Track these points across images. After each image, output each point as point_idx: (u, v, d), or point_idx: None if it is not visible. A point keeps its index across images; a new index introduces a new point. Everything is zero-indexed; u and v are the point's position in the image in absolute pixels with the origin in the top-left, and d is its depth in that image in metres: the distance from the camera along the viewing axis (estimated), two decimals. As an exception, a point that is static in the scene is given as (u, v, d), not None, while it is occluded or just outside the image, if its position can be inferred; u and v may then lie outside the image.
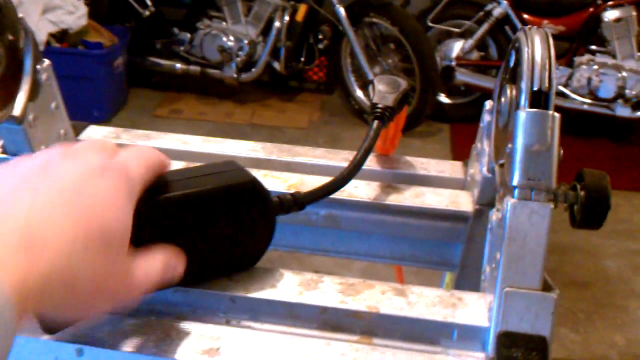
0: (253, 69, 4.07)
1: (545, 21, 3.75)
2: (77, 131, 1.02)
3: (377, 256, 0.98)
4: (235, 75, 4.07)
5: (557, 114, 0.64)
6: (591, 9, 3.66)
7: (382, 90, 0.92)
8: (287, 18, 3.95)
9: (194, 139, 1.01)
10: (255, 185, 0.70)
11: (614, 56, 3.62)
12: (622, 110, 3.71)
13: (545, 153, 0.64)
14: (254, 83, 4.23)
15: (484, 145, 0.84)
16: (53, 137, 0.94)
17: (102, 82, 3.77)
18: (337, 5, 3.80)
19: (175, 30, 4.17)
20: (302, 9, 3.93)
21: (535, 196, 0.64)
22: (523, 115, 0.65)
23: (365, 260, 0.99)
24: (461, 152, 3.64)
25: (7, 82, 0.82)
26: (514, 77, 0.72)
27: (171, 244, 0.64)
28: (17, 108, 0.85)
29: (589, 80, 3.66)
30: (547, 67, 0.66)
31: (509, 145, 0.66)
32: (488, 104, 0.84)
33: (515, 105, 0.69)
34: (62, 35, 3.72)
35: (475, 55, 3.99)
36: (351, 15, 3.82)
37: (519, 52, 0.70)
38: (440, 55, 4.00)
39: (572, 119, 3.80)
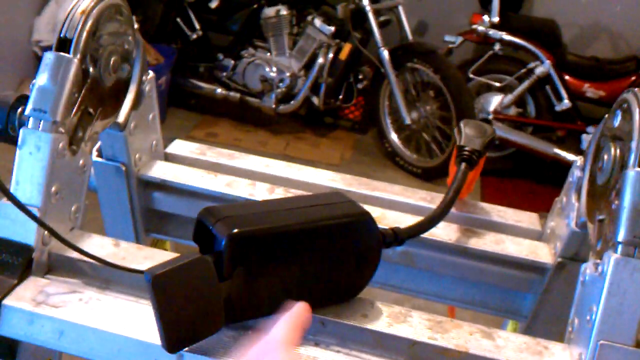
0: (292, 102, 4.12)
1: (587, 85, 3.78)
2: (165, 144, 1.05)
3: (446, 298, 0.99)
4: (273, 106, 4.12)
5: (666, 177, 0.66)
6: (633, 77, 3.68)
7: (470, 134, 0.94)
8: (331, 55, 4.01)
9: (276, 163, 1.04)
10: (368, 219, 0.72)
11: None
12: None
13: (652, 213, 0.65)
14: (290, 115, 4.27)
15: (571, 200, 0.86)
16: (146, 147, 0.97)
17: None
18: (382, 48, 3.85)
19: (220, 56, 4.24)
20: (347, 48, 3.98)
21: (638, 254, 0.65)
22: (632, 174, 0.66)
23: (434, 300, 1.00)
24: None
25: (116, 90, 0.85)
26: (617, 136, 0.74)
27: (288, 276, 0.69)
28: (122, 115, 0.88)
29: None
30: (659, 129, 0.68)
31: (615, 203, 0.68)
32: (579, 160, 0.86)
33: (621, 164, 0.71)
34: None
35: (512, 111, 4.02)
36: (394, 59, 3.87)
37: (626, 112, 0.73)
38: (478, 107, 4.03)
39: None
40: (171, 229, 1.04)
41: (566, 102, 3.78)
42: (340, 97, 4.23)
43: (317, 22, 3.98)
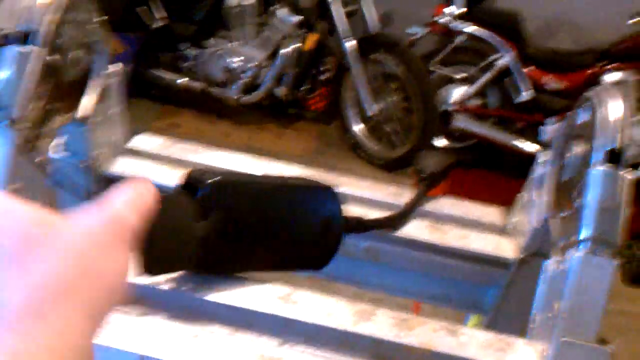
0: (255, 92, 4.09)
1: (548, 77, 3.82)
2: (128, 137, 1.03)
3: (409, 293, 0.99)
4: (236, 97, 4.09)
5: (629, 174, 0.67)
6: (592, 70, 3.74)
7: (430, 161, 1.05)
8: (295, 46, 3.99)
9: (241, 158, 1.03)
10: (333, 191, 0.77)
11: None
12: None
13: (614, 211, 0.66)
14: (254, 106, 4.25)
15: (532, 196, 0.87)
16: (109, 141, 0.95)
17: (104, 88, 3.76)
18: (346, 40, 3.84)
19: (183, 45, 4.18)
20: (312, 39, 3.96)
21: (601, 251, 0.66)
22: (595, 172, 0.67)
23: (397, 295, 1.00)
24: (453, 195, 3.68)
25: (79, 84, 0.83)
26: (581, 134, 0.75)
27: (258, 232, 0.73)
28: (84, 109, 0.85)
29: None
30: (621, 127, 0.69)
31: (578, 200, 0.69)
32: (542, 156, 0.87)
33: (584, 162, 0.71)
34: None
35: (474, 102, 4.05)
36: (359, 50, 3.87)
37: (590, 110, 0.73)
38: (440, 99, 4.06)
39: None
40: (134, 225, 1.02)
41: (527, 94, 3.82)
42: (305, 88, 4.21)
43: (281, 12, 3.96)
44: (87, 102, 0.86)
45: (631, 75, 3.65)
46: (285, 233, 0.76)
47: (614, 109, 0.71)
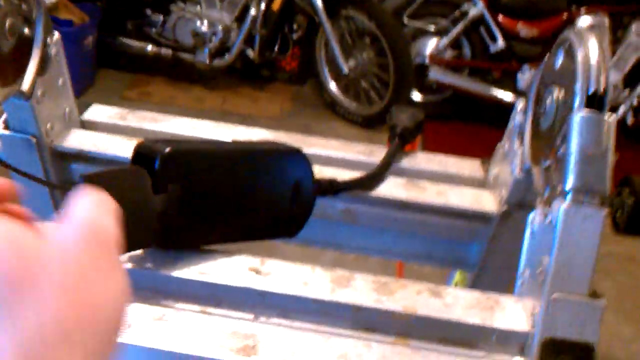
0: (226, 56, 3.99)
1: (520, 24, 3.77)
2: (80, 110, 0.96)
3: (390, 253, 0.96)
4: (207, 61, 3.99)
5: (612, 118, 0.62)
6: (565, 15, 3.69)
7: (402, 117, 0.98)
8: (263, 6, 3.89)
9: (204, 124, 0.97)
10: (301, 154, 0.74)
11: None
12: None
13: (600, 157, 0.62)
14: (226, 70, 4.15)
15: (514, 146, 0.82)
16: (59, 115, 0.89)
17: (70, 61, 3.64)
18: (314, -3, 3.75)
19: (148, 11, 4.06)
20: (279, -3, 3.87)
21: (588, 201, 0.62)
22: (578, 118, 0.63)
23: (378, 257, 0.96)
24: (432, 148, 3.65)
25: (17, 55, 0.77)
26: (560, 78, 0.70)
27: (223, 202, 0.69)
28: (26, 83, 0.79)
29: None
30: (602, 69, 0.64)
31: (561, 149, 0.64)
32: (520, 104, 0.82)
33: (565, 107, 0.67)
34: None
35: (449, 53, 4.00)
36: (328, 7, 3.78)
37: (569, 53, 0.69)
38: (414, 52, 4.00)
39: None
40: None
41: (500, 43, 3.78)
42: (276, 48, 4.12)
43: (245, -28, 3.85)
44: (29, 74, 0.79)
45: (603, 17, 3.60)
46: (252, 201, 0.72)
47: (594, 51, 0.66)
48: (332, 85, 4.08)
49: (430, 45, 4.02)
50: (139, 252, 0.68)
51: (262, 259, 0.70)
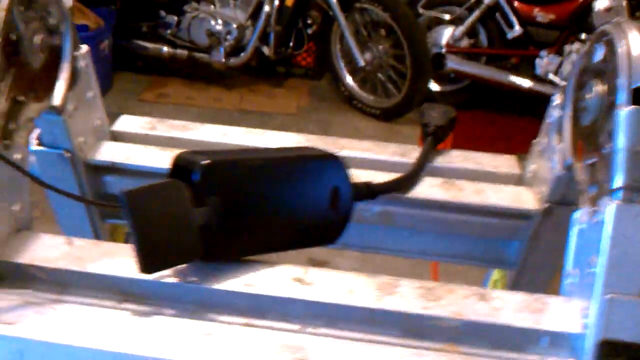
0: (242, 54, 3.99)
1: (537, 9, 3.73)
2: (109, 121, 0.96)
3: (428, 254, 0.94)
4: (223, 60, 3.99)
5: (660, 112, 0.61)
6: (578, -1, 3.65)
7: (433, 115, 0.97)
8: (277, 2, 3.88)
9: (234, 130, 0.96)
10: (338, 160, 0.73)
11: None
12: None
13: (650, 153, 0.60)
14: (242, 68, 4.15)
15: (551, 142, 0.81)
16: (90, 128, 0.89)
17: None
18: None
19: (162, 13, 4.06)
20: (293, -7, 3.86)
21: (638, 199, 0.60)
22: (624, 114, 0.61)
23: (416, 258, 0.95)
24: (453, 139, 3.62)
25: (48, 70, 0.76)
26: (600, 72, 0.69)
27: (264, 212, 0.69)
28: (57, 97, 0.79)
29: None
30: (647, 62, 0.62)
31: (607, 145, 0.63)
32: (557, 99, 0.81)
33: (607, 103, 0.65)
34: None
35: (465, 42, 3.96)
36: (342, 0, 3.76)
37: (609, 47, 0.67)
38: (430, 42, 3.97)
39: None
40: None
41: (517, 29, 3.74)
42: (291, 44, 4.11)
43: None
44: (60, 89, 0.79)
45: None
46: (291, 209, 0.71)
47: (635, 45, 0.64)
48: (349, 79, 4.06)
49: (446, 34, 3.99)
50: (182, 266, 0.67)
51: (305, 268, 0.69)
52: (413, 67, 3.75)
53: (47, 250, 0.70)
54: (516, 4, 3.78)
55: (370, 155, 0.93)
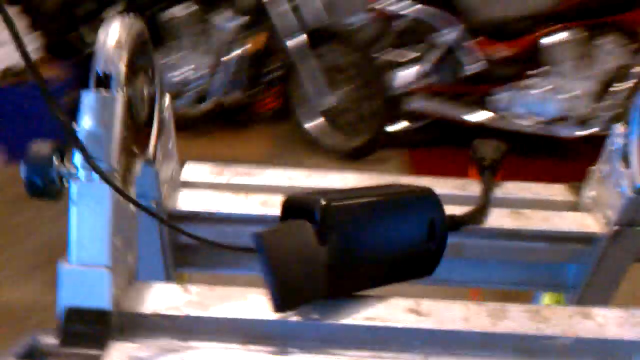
0: (206, 101, 4.01)
1: (499, 45, 3.85)
2: (177, 170, 0.98)
3: (492, 282, 0.99)
4: (188, 108, 4.00)
5: None
6: (537, 33, 3.79)
7: (486, 150, 1.02)
8: (238, 51, 3.92)
9: (297, 174, 0.99)
10: (433, 194, 0.78)
11: (563, 76, 3.77)
12: (565, 131, 3.88)
13: None
14: (207, 115, 4.16)
15: (616, 167, 0.87)
16: (169, 177, 0.90)
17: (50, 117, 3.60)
18: (293, 35, 3.80)
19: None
20: (258, 39, 3.91)
21: None
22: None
23: (481, 287, 0.99)
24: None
25: (149, 121, 0.78)
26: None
27: (375, 247, 0.72)
28: (153, 148, 0.81)
29: (534, 102, 3.81)
30: None
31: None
32: (620, 128, 0.87)
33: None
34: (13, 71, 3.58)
35: (426, 81, 4.06)
36: (309, 43, 3.82)
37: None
38: (391, 83, 4.05)
39: (517, 140, 3.92)
40: (199, 260, 0.97)
41: (478, 65, 3.87)
42: (255, 90, 4.16)
43: (220, 18, 3.89)
44: (153, 141, 0.81)
45: (578, 33, 3.73)
46: (396, 243, 0.75)
47: None
48: (310, 124, 4.10)
49: (407, 74, 4.08)
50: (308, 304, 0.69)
51: (415, 300, 0.73)
52: (375, 109, 3.85)
53: (167, 298, 0.71)
54: (476, 41, 3.90)
55: (436, 190, 0.97)
